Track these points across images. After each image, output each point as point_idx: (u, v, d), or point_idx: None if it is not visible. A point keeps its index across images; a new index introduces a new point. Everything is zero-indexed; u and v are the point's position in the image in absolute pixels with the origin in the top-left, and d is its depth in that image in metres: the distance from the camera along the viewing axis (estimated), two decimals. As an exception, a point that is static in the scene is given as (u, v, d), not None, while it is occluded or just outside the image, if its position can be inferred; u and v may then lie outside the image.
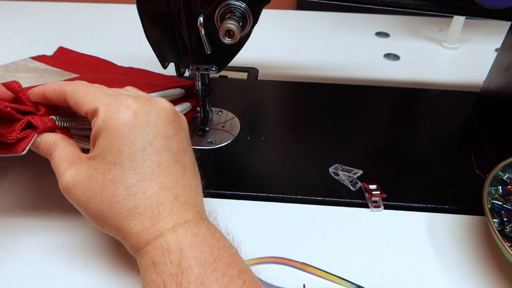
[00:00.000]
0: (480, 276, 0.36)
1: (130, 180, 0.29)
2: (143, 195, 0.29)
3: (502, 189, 0.40)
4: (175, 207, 0.30)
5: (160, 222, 0.29)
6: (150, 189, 0.29)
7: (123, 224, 0.29)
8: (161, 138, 0.30)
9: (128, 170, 0.29)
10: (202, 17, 0.38)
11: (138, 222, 0.29)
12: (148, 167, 0.29)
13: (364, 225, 0.41)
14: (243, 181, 0.45)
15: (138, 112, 0.30)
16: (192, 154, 0.33)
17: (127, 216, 0.29)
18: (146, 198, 0.29)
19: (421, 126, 0.54)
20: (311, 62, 0.70)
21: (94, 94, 0.31)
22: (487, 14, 0.41)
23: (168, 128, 0.31)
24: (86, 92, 0.31)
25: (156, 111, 0.31)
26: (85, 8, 0.86)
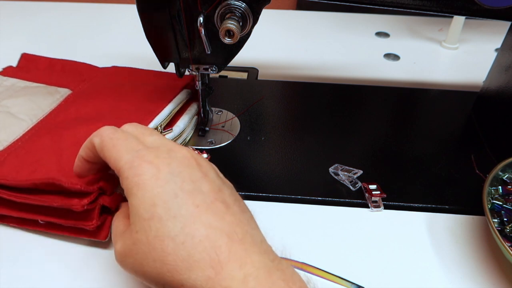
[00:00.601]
0: (480, 276, 0.36)
1: (173, 229, 0.27)
2: (192, 241, 0.27)
3: (502, 189, 0.40)
4: (233, 248, 0.27)
5: (224, 269, 0.26)
6: (197, 233, 0.27)
7: (184, 278, 0.26)
8: (190, 182, 0.29)
9: (167, 220, 0.27)
10: (202, 17, 0.38)
11: (199, 272, 0.26)
12: (185, 211, 0.28)
13: (364, 225, 0.41)
14: (243, 181, 0.45)
15: (160, 165, 0.29)
16: (231, 191, 0.31)
17: (186, 268, 0.26)
18: (197, 244, 0.27)
19: (421, 126, 0.54)
20: (311, 62, 0.70)
21: (118, 151, 0.30)
22: (487, 14, 0.41)
23: (193, 173, 0.30)
24: (111, 146, 0.31)
25: (177, 162, 0.30)
26: (85, 8, 0.86)
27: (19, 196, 0.36)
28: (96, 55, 0.69)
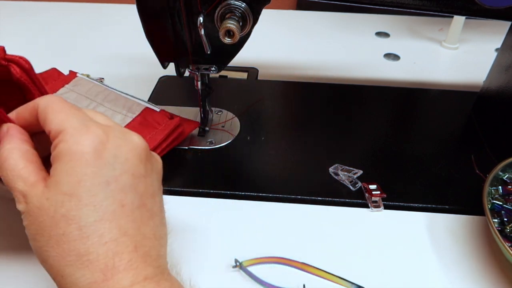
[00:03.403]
0: (480, 276, 0.36)
1: (86, 218, 0.24)
2: (99, 239, 0.24)
3: (502, 189, 0.40)
4: (133, 259, 0.25)
5: (114, 277, 0.24)
6: (107, 233, 0.25)
7: (68, 271, 0.24)
8: (129, 176, 0.26)
9: (86, 205, 0.25)
10: (202, 17, 0.38)
11: (87, 273, 0.24)
12: (109, 205, 0.25)
13: (364, 225, 0.41)
14: (243, 181, 0.45)
15: (107, 144, 0.26)
16: (161, 200, 0.29)
17: (75, 262, 0.24)
18: (102, 244, 0.24)
19: (421, 126, 0.54)
20: (311, 62, 0.70)
21: (66, 114, 0.27)
22: (487, 14, 0.41)
23: (139, 167, 0.27)
24: (59, 109, 0.27)
25: (128, 147, 0.27)
26: (85, 8, 0.86)
27: None
28: (96, 55, 0.69)
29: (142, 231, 0.26)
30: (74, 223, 0.24)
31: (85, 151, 0.25)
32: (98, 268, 0.24)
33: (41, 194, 0.25)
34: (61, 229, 0.24)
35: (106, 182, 0.25)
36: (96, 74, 0.60)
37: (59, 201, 0.25)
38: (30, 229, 0.25)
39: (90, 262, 0.24)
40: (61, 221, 0.24)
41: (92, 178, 0.25)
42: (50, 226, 0.25)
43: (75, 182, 0.25)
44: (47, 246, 0.25)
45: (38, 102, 0.28)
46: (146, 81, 0.61)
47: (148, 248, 0.26)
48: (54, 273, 0.25)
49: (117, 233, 0.25)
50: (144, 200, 0.27)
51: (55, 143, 0.26)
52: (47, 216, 0.25)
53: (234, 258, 0.36)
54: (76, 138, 0.26)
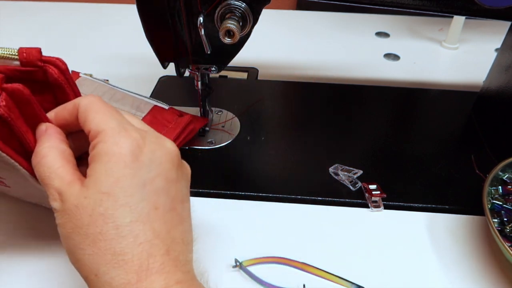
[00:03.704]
0: (480, 276, 0.36)
1: (122, 218, 0.25)
2: (134, 240, 0.25)
3: (502, 189, 0.40)
4: (165, 263, 0.25)
5: (147, 279, 0.24)
6: (142, 235, 0.25)
7: (103, 270, 0.25)
8: (162, 180, 0.27)
9: (122, 206, 0.25)
10: (202, 17, 0.38)
11: (122, 272, 0.24)
12: (144, 207, 0.26)
13: (364, 225, 0.41)
14: (243, 181, 0.45)
15: (143, 147, 0.27)
16: (189, 207, 0.30)
17: (110, 261, 0.25)
18: (137, 245, 0.25)
19: (421, 126, 0.54)
20: (311, 62, 0.70)
21: (106, 115, 0.28)
22: (487, 14, 0.41)
23: (171, 172, 0.28)
24: (99, 109, 0.28)
25: (162, 151, 0.28)
26: (85, 8, 0.86)
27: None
28: (96, 55, 0.69)
29: (172, 235, 0.27)
30: (111, 222, 0.25)
31: (123, 153, 0.26)
32: (133, 269, 0.25)
33: (78, 193, 0.26)
34: (98, 228, 0.25)
35: (142, 183, 0.26)
36: (96, 74, 0.60)
37: (98, 200, 0.25)
38: (66, 227, 0.26)
39: (125, 262, 0.25)
40: (98, 220, 0.25)
41: (129, 179, 0.26)
42: (88, 225, 0.25)
43: (113, 182, 0.25)
44: (83, 244, 0.25)
45: (79, 102, 0.29)
46: (146, 81, 0.61)
47: (178, 252, 0.27)
48: (88, 272, 0.25)
49: (151, 235, 0.25)
50: (174, 204, 0.28)
51: (94, 143, 0.27)
52: (85, 214, 0.25)
53: (234, 258, 0.36)
54: (115, 139, 0.26)
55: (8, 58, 0.30)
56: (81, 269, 0.26)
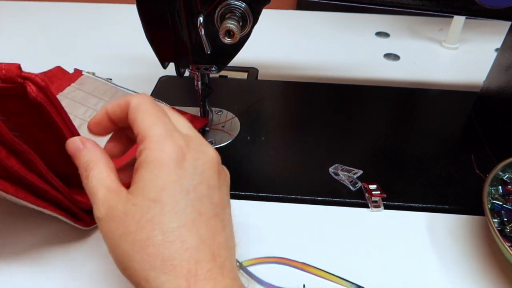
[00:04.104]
0: (480, 276, 0.36)
1: (169, 224, 0.26)
2: (181, 245, 0.26)
3: (502, 189, 0.40)
4: (212, 269, 0.26)
5: (196, 284, 0.25)
6: (189, 240, 0.26)
7: (152, 275, 0.25)
8: (205, 187, 0.28)
9: (169, 212, 0.26)
10: (202, 17, 0.38)
11: (172, 278, 0.25)
12: (189, 213, 0.26)
13: (364, 225, 0.41)
14: (243, 181, 0.45)
15: (187, 154, 0.28)
16: (230, 213, 0.30)
17: (160, 267, 0.25)
18: (184, 250, 0.25)
19: (421, 126, 0.54)
20: (311, 62, 0.70)
21: (154, 119, 0.28)
22: (487, 14, 0.41)
23: (213, 179, 0.29)
24: (148, 112, 0.29)
25: (205, 159, 0.29)
26: (85, 8, 0.86)
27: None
28: (96, 55, 0.69)
29: (217, 241, 0.27)
30: (158, 228, 0.26)
31: (169, 160, 0.27)
32: (182, 274, 0.25)
33: (126, 200, 0.27)
34: (146, 234, 0.25)
35: (186, 190, 0.27)
36: (96, 74, 0.60)
37: (146, 207, 0.26)
38: (114, 234, 0.26)
39: (174, 267, 0.25)
40: (146, 226, 0.26)
41: (175, 186, 0.26)
42: (135, 231, 0.26)
43: (160, 189, 0.26)
44: (132, 251, 0.26)
45: (130, 99, 0.30)
46: (146, 81, 0.61)
47: (224, 258, 0.27)
48: (138, 278, 0.25)
49: (197, 241, 0.26)
50: (217, 210, 0.28)
51: (141, 149, 0.28)
52: (133, 221, 0.26)
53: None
54: (161, 146, 0.27)
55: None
56: (131, 277, 0.26)
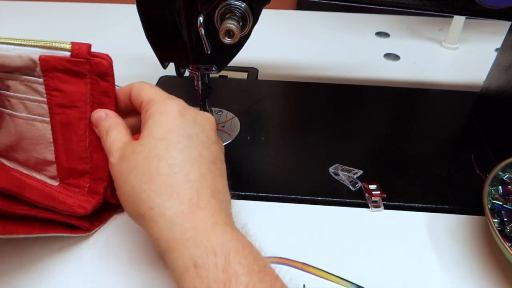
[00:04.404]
0: (480, 276, 0.36)
1: (175, 157, 0.29)
2: (185, 177, 0.29)
3: (502, 189, 0.40)
4: (211, 202, 0.29)
5: (198, 212, 0.27)
6: (192, 174, 0.29)
7: (158, 202, 0.27)
8: (204, 136, 0.32)
9: (174, 148, 0.29)
10: (202, 17, 0.38)
11: (175, 203, 0.27)
12: (192, 153, 0.30)
13: (364, 225, 0.41)
14: (243, 181, 0.45)
15: (188, 109, 0.33)
16: (225, 169, 0.34)
17: (165, 194, 0.28)
18: (187, 181, 0.28)
19: (421, 126, 0.54)
20: (311, 62, 0.70)
21: (155, 90, 0.34)
22: (487, 14, 0.41)
23: (211, 133, 0.33)
24: (149, 87, 0.34)
25: (204, 116, 0.33)
26: (85, 8, 0.86)
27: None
28: (96, 55, 0.69)
29: (215, 183, 0.30)
30: (165, 160, 0.29)
31: (173, 111, 0.31)
32: (185, 201, 0.28)
33: (135, 144, 0.31)
34: (154, 166, 0.29)
35: (189, 135, 0.31)
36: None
37: (153, 145, 0.30)
38: (124, 172, 0.30)
39: (177, 194, 0.28)
40: (154, 160, 0.29)
41: (178, 129, 0.30)
42: (144, 165, 0.29)
43: (165, 131, 0.30)
44: (140, 182, 0.29)
45: (132, 84, 0.36)
46: (146, 81, 0.60)
47: (222, 199, 0.30)
48: (144, 207, 0.28)
49: (199, 176, 0.29)
50: (215, 159, 0.32)
51: (146, 108, 0.32)
52: (141, 156, 0.29)
53: (234, 258, 0.36)
54: (165, 102, 0.32)
55: (59, 48, 0.35)
56: (137, 208, 0.29)
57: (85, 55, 0.35)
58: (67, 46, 0.35)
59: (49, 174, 0.39)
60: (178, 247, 0.26)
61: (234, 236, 0.27)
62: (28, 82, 0.36)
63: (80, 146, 0.38)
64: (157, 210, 0.27)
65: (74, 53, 0.35)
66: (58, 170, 0.39)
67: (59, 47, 0.35)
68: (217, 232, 0.27)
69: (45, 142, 0.38)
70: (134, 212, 0.29)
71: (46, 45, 0.35)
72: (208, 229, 0.27)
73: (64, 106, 0.37)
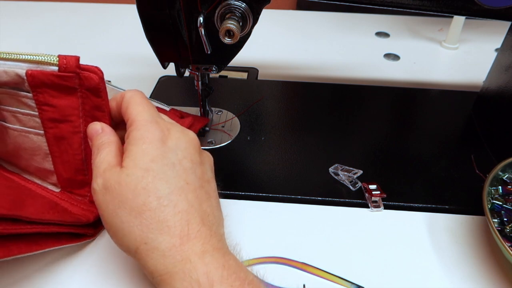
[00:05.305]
0: (480, 276, 0.36)
1: (162, 190, 0.29)
2: (173, 209, 0.29)
3: (502, 189, 0.40)
4: (202, 229, 0.29)
5: (188, 242, 0.28)
6: (180, 204, 0.29)
7: (150, 237, 0.28)
8: (188, 161, 0.32)
9: (160, 180, 0.29)
10: (202, 17, 0.38)
11: (167, 237, 0.28)
12: (177, 182, 0.30)
13: (364, 225, 0.41)
14: (243, 181, 0.45)
15: (169, 135, 0.32)
16: (215, 187, 0.34)
17: (156, 229, 0.28)
18: (176, 213, 0.29)
19: (421, 126, 0.54)
20: (311, 62, 0.70)
21: (142, 107, 0.33)
22: (487, 14, 0.41)
23: (195, 155, 0.33)
24: (138, 102, 0.33)
25: (186, 139, 0.33)
26: (85, 8, 0.86)
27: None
28: (96, 55, 0.69)
29: (204, 208, 0.31)
30: (153, 194, 0.29)
31: (155, 139, 0.31)
32: (176, 234, 0.28)
33: (120, 172, 0.30)
34: (142, 200, 0.28)
35: (172, 163, 0.30)
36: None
37: (139, 176, 0.29)
38: (111, 205, 0.29)
39: (169, 228, 0.28)
40: (141, 193, 0.29)
41: (161, 159, 0.30)
42: (132, 199, 0.29)
43: (149, 161, 0.30)
44: (130, 217, 0.28)
45: (124, 93, 0.35)
46: (146, 81, 0.61)
47: (211, 223, 0.30)
48: (138, 242, 0.28)
49: (186, 205, 0.29)
50: (202, 182, 0.32)
51: (129, 131, 0.32)
52: (128, 189, 0.29)
53: (234, 258, 0.36)
54: (147, 127, 0.31)
55: (46, 63, 0.33)
56: (130, 243, 0.29)
57: (73, 69, 0.33)
58: (54, 60, 0.33)
59: (50, 181, 0.39)
60: (170, 280, 0.27)
61: (221, 263, 0.28)
62: (18, 97, 0.35)
63: (77, 160, 0.37)
64: (151, 245, 0.28)
65: (62, 67, 0.33)
66: (58, 179, 0.38)
67: (46, 61, 0.33)
68: (204, 261, 0.28)
69: (42, 153, 0.37)
70: (124, 245, 0.29)
71: (32, 59, 0.33)
72: (196, 259, 0.28)
73: (56, 121, 0.35)
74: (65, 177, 0.38)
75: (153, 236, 0.28)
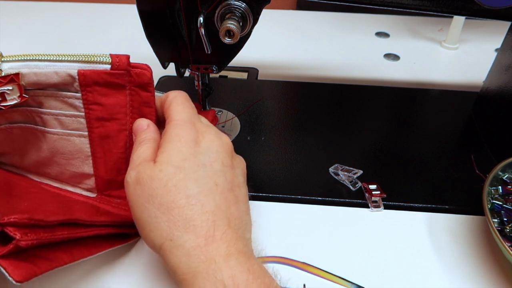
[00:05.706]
0: (480, 276, 0.36)
1: (191, 189, 0.29)
2: (201, 208, 0.29)
3: (502, 189, 0.40)
4: (227, 231, 0.29)
5: (213, 243, 0.28)
6: (207, 204, 0.29)
7: (176, 234, 0.28)
8: (219, 164, 0.32)
9: (190, 179, 0.30)
10: (202, 17, 0.38)
11: (192, 236, 0.28)
12: (207, 183, 0.30)
13: (364, 225, 0.41)
14: (243, 181, 0.45)
15: (204, 138, 0.33)
16: (246, 192, 0.34)
17: (183, 226, 0.28)
18: (203, 213, 0.29)
19: (421, 126, 0.54)
20: (311, 62, 0.70)
21: (182, 108, 0.34)
22: (487, 14, 0.41)
23: (226, 159, 0.33)
24: (180, 102, 0.35)
25: (219, 142, 0.33)
26: (85, 8, 0.86)
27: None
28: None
29: (231, 211, 0.30)
30: (182, 192, 0.29)
31: (189, 139, 0.32)
32: (201, 234, 0.28)
33: (153, 167, 0.30)
34: (171, 197, 0.29)
35: (203, 164, 0.31)
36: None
37: (171, 173, 0.30)
38: (141, 198, 0.30)
39: (195, 227, 0.28)
40: (172, 190, 0.29)
41: (193, 158, 0.31)
42: (162, 195, 0.29)
43: (182, 159, 0.30)
44: (158, 212, 0.29)
45: (169, 94, 0.36)
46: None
47: (238, 227, 0.30)
48: (164, 237, 0.28)
49: (214, 206, 0.30)
50: (232, 186, 0.32)
51: (167, 128, 0.33)
52: (159, 185, 0.29)
53: (234, 258, 0.36)
54: (184, 127, 0.32)
55: (99, 62, 0.34)
56: (156, 238, 0.29)
57: (125, 67, 0.35)
58: (107, 59, 0.34)
59: (85, 187, 0.39)
60: (193, 279, 0.27)
61: (246, 267, 0.28)
62: (64, 98, 0.35)
63: (120, 158, 0.37)
64: (176, 242, 0.28)
65: (115, 65, 0.34)
66: (96, 182, 0.38)
67: (99, 61, 0.34)
68: (229, 264, 0.27)
69: (83, 156, 0.37)
70: (150, 240, 0.30)
71: (84, 59, 0.34)
72: (221, 261, 0.27)
73: (103, 119, 0.36)
74: (105, 179, 0.38)
75: (179, 234, 0.28)
